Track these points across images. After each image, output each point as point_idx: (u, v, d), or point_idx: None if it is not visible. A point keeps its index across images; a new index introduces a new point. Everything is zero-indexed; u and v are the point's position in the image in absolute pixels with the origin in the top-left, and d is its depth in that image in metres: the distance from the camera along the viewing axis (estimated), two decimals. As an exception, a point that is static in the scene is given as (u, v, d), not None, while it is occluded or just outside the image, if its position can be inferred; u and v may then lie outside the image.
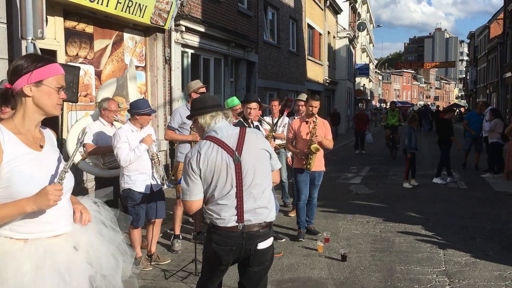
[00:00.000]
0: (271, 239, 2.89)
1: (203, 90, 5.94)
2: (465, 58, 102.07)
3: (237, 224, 2.74)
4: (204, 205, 2.87)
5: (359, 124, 18.44)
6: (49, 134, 2.23)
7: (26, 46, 6.04)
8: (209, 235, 2.87)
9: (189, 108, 5.93)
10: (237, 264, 2.96)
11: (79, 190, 7.58)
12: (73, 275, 2.02)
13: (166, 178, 5.24)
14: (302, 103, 7.43)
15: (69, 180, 2.13)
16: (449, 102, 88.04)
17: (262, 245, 2.81)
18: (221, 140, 2.79)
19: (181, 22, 10.39)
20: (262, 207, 2.81)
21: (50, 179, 2.04)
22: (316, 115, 6.11)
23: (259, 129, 5.57)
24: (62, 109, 6.74)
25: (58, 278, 1.97)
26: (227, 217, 2.75)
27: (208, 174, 2.75)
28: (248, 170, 2.77)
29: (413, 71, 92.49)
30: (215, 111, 2.89)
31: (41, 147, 2.09)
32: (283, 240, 6.12)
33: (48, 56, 2.11)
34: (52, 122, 7.16)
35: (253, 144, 2.82)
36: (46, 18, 6.36)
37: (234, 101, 6.15)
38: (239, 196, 2.75)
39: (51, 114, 2.10)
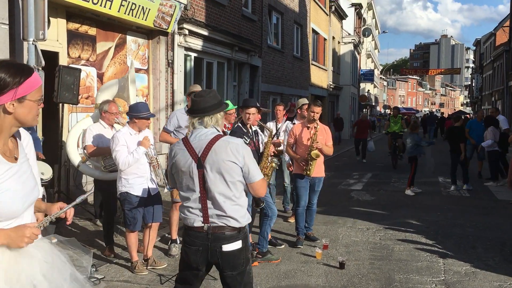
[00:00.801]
0: (239, 242, 2.85)
1: None
2: (471, 65, 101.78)
3: (203, 224, 2.83)
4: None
5: (359, 131, 17.08)
6: (18, 136, 2.12)
7: (27, 48, 6.05)
8: (183, 236, 2.98)
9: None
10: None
11: (78, 193, 7.56)
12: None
13: (166, 181, 5.22)
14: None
15: (38, 191, 2.09)
16: (455, 109, 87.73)
17: (227, 247, 2.81)
18: (190, 143, 2.87)
19: (185, 25, 10.39)
20: (227, 216, 2.82)
21: (28, 191, 1.98)
22: (318, 121, 6.08)
23: (257, 134, 5.53)
24: (63, 111, 6.76)
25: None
26: (193, 217, 2.85)
27: (174, 173, 2.94)
28: (210, 178, 2.79)
29: (419, 78, 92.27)
30: (191, 117, 2.94)
31: (16, 159, 2.00)
32: (282, 246, 6.07)
33: (28, 64, 2.05)
34: (53, 125, 7.17)
35: (221, 154, 2.78)
36: (49, 19, 6.37)
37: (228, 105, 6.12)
38: (203, 201, 2.83)
39: (30, 125, 2.05)
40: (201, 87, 6.24)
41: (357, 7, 35.08)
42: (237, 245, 2.83)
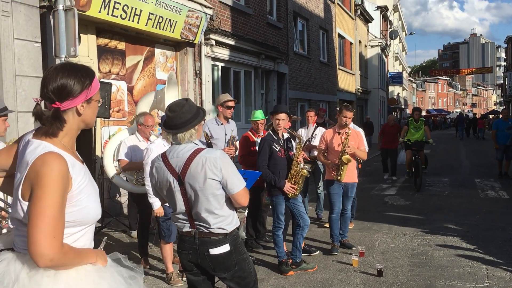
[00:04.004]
0: (226, 246, 2.89)
1: (231, 104, 5.93)
2: (503, 63, 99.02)
3: (190, 229, 2.92)
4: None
5: (386, 139, 12.73)
6: None
7: (60, 64, 6.17)
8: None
9: (218, 122, 5.94)
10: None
11: (111, 204, 7.66)
12: None
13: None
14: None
15: None
16: (487, 109, 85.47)
17: (214, 251, 2.88)
18: (168, 161, 2.89)
19: (211, 36, 10.46)
20: (213, 226, 2.86)
21: (98, 195, 2.00)
22: (349, 126, 6.00)
23: (289, 141, 5.47)
24: (95, 124, 6.86)
25: None
26: (182, 225, 2.97)
27: (158, 187, 3.01)
28: (192, 194, 2.83)
29: (448, 78, 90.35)
30: (165, 132, 2.93)
31: (82, 162, 1.98)
32: (316, 253, 5.98)
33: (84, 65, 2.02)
34: (86, 139, 7.29)
35: (199, 171, 2.78)
36: (79, 36, 6.49)
37: (255, 114, 6.07)
38: (188, 214, 2.90)
39: (91, 127, 2.09)
40: (230, 96, 6.23)
41: (383, 9, 34.69)
42: (224, 248, 2.89)
